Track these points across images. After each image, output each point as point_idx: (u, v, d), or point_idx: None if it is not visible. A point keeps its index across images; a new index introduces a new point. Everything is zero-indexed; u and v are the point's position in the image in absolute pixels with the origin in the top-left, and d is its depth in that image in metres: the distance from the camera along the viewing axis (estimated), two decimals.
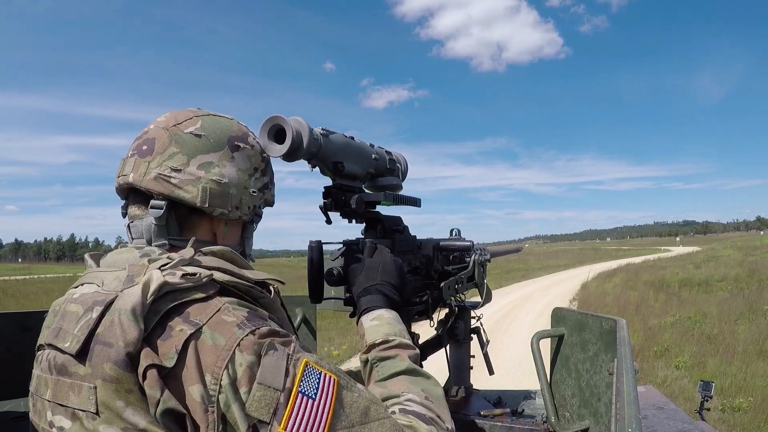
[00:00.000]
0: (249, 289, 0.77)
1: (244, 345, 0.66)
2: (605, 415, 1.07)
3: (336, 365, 0.75)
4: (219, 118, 0.91)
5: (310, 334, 1.84)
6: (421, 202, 1.36)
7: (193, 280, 0.70)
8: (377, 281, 1.00)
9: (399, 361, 0.88)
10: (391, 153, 1.32)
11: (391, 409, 0.77)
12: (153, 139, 0.85)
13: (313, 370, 0.69)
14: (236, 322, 0.68)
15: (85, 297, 0.74)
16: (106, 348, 0.65)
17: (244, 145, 0.91)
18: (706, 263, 22.07)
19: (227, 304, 0.71)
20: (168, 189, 0.82)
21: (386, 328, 0.93)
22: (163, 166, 0.82)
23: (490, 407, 1.47)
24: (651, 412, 1.84)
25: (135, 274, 0.72)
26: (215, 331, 0.67)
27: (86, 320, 0.69)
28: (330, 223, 1.17)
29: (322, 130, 1.08)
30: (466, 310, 1.59)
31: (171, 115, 0.88)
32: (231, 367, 0.64)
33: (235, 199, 0.88)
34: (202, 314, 0.68)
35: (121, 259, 0.80)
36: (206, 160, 0.85)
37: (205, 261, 0.77)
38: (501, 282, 20.20)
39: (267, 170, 0.97)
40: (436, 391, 0.85)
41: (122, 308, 0.66)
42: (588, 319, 1.17)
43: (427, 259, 1.36)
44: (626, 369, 0.86)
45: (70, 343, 0.69)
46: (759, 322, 8.95)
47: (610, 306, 12.00)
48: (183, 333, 0.66)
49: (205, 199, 0.83)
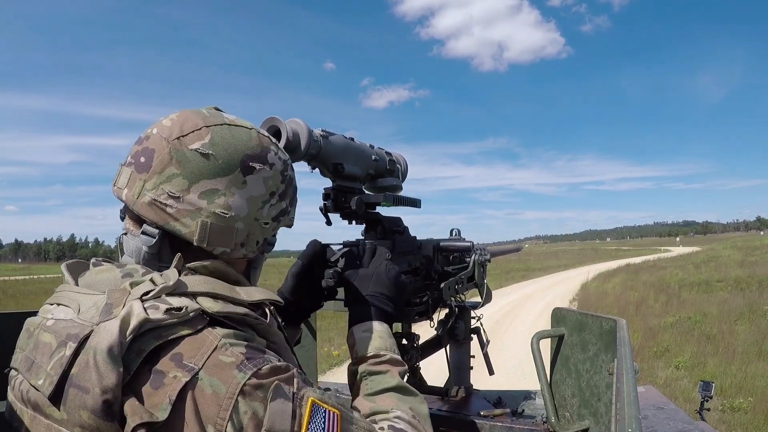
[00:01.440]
0: (243, 318, 0.69)
1: (248, 391, 0.60)
2: (605, 416, 1.07)
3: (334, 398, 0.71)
4: (234, 129, 0.77)
5: (310, 335, 1.84)
6: (421, 202, 1.36)
7: (179, 315, 0.62)
8: (369, 291, 0.98)
9: (389, 377, 0.87)
10: (391, 154, 1.32)
11: (380, 425, 0.78)
12: (152, 151, 0.73)
13: (319, 408, 0.66)
14: (235, 363, 0.62)
15: (59, 327, 0.66)
16: (82, 393, 0.59)
17: (260, 165, 0.77)
18: (706, 263, 22.07)
19: (223, 340, 0.64)
20: (162, 219, 0.72)
21: (378, 342, 0.92)
22: (160, 189, 0.72)
23: (490, 407, 1.47)
24: (651, 412, 1.84)
25: (114, 302, 0.64)
26: (214, 377, 0.60)
27: (59, 357, 0.62)
28: (330, 224, 1.17)
29: (322, 132, 1.08)
30: (466, 310, 1.59)
31: (177, 121, 0.75)
32: (235, 416, 0.59)
33: (241, 235, 0.76)
34: (197, 355, 0.61)
35: (101, 280, 0.72)
36: (210, 187, 0.73)
37: (191, 283, 0.68)
38: (501, 282, 20.20)
39: (287, 192, 0.83)
40: (422, 410, 0.85)
41: (98, 347, 0.59)
42: (588, 319, 1.17)
43: (427, 260, 1.36)
44: (626, 369, 0.86)
45: (43, 382, 0.63)
46: (759, 323, 8.95)
47: (610, 306, 12.00)
48: (177, 381, 0.59)
49: (204, 237, 0.73)
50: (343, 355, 7.94)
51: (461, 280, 1.44)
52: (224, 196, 0.74)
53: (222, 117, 0.78)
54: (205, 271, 0.73)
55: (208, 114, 0.78)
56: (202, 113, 0.77)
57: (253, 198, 0.77)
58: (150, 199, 0.72)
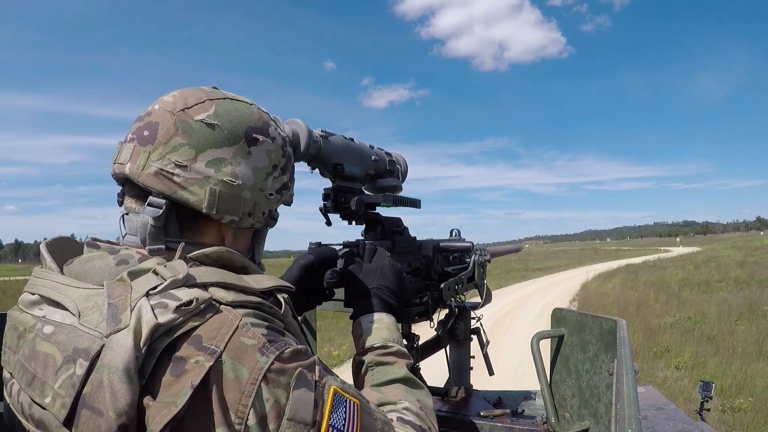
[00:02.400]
0: (257, 307, 0.66)
1: (270, 377, 0.59)
2: (605, 416, 1.07)
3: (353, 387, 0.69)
4: (237, 103, 0.78)
5: (310, 335, 1.84)
6: (421, 203, 1.36)
7: (189, 311, 0.60)
8: (375, 285, 0.98)
9: (396, 369, 0.87)
10: (391, 154, 1.32)
11: (390, 415, 0.77)
12: (156, 124, 0.72)
13: (341, 398, 0.64)
14: (258, 345, 0.60)
15: (62, 337, 0.62)
16: (95, 416, 0.56)
17: (263, 138, 0.78)
18: (706, 264, 22.07)
19: (244, 319, 0.61)
20: (170, 188, 0.71)
21: (385, 333, 0.92)
22: (166, 159, 0.71)
23: (490, 408, 1.47)
24: (651, 412, 1.84)
25: (118, 304, 0.60)
26: (236, 361, 0.58)
27: (68, 375, 0.58)
28: (330, 224, 1.18)
29: (322, 132, 1.09)
30: (466, 310, 1.59)
31: (180, 95, 0.75)
32: (258, 404, 0.57)
33: (248, 205, 0.76)
34: (217, 336, 0.59)
35: (92, 268, 0.68)
36: (218, 156, 0.73)
37: (199, 274, 0.66)
38: (501, 282, 20.19)
39: (288, 167, 0.84)
40: (428, 402, 0.85)
41: (113, 366, 0.56)
42: (588, 319, 1.17)
43: (427, 260, 1.36)
44: (626, 369, 0.86)
45: (52, 402, 0.59)
46: (759, 323, 8.95)
47: (610, 306, 12.00)
48: (200, 366, 0.57)
49: (213, 204, 0.72)
50: (343, 355, 7.95)
51: (461, 281, 1.44)
52: (231, 165, 0.74)
53: (223, 92, 0.80)
54: (209, 260, 0.70)
55: (210, 90, 0.79)
56: (203, 89, 0.79)
57: (258, 169, 0.77)
58: (156, 169, 0.71)
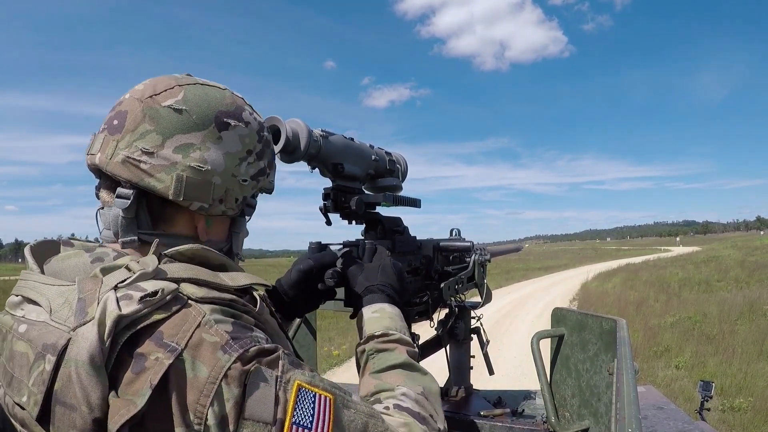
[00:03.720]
0: (229, 304, 0.65)
1: (232, 375, 0.56)
2: (605, 415, 1.07)
3: (327, 381, 0.66)
4: (208, 88, 0.77)
5: (310, 334, 1.84)
6: (421, 202, 1.36)
7: (153, 301, 0.58)
8: (377, 282, 0.99)
9: (397, 354, 0.85)
10: (391, 154, 1.32)
11: (385, 403, 0.75)
12: (125, 113, 0.71)
13: (307, 392, 0.61)
14: (220, 343, 0.58)
15: (34, 334, 0.62)
16: (69, 412, 0.56)
17: (235, 122, 0.76)
18: (706, 263, 22.06)
19: (208, 316, 0.60)
20: (136, 176, 0.70)
21: (387, 322, 0.91)
22: (133, 147, 0.70)
23: (490, 407, 1.47)
24: (651, 412, 1.84)
25: (87, 297, 0.60)
26: (196, 359, 0.57)
27: (39, 372, 0.59)
28: (330, 224, 1.18)
29: (322, 132, 1.09)
30: (466, 310, 1.59)
31: (150, 83, 0.74)
32: (217, 404, 0.55)
33: (219, 191, 0.75)
34: (179, 333, 0.58)
35: (68, 266, 0.68)
36: (185, 142, 0.72)
37: (171, 270, 0.65)
38: (501, 282, 20.20)
39: (264, 152, 0.82)
40: (432, 388, 0.82)
41: (79, 359, 0.55)
42: (588, 319, 1.17)
43: (427, 260, 1.36)
44: (626, 369, 0.86)
45: (27, 400, 0.60)
46: (759, 322, 8.94)
47: (610, 306, 12.00)
48: (160, 364, 0.56)
49: (179, 190, 0.70)
50: (343, 355, 7.94)
51: (461, 280, 1.44)
52: (199, 150, 0.73)
53: (195, 78, 0.78)
54: (183, 257, 0.69)
55: (181, 76, 0.78)
56: (175, 76, 0.77)
57: (229, 154, 0.75)
58: (123, 157, 0.70)
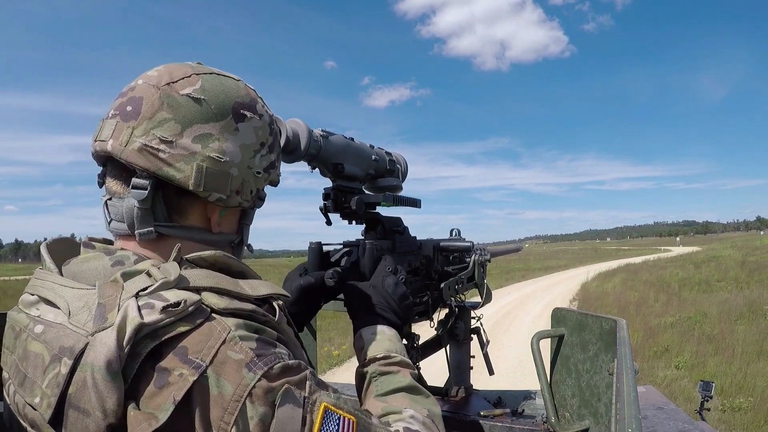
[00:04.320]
0: (250, 314, 0.64)
1: (257, 394, 0.56)
2: (605, 416, 1.07)
3: (351, 402, 0.66)
4: (223, 78, 0.76)
5: (310, 335, 1.84)
6: (421, 202, 1.36)
7: (176, 312, 0.58)
8: (375, 303, 0.97)
9: (401, 377, 0.85)
10: (391, 154, 1.32)
11: (395, 426, 0.74)
12: (140, 99, 0.69)
13: (332, 414, 0.61)
14: (245, 360, 0.57)
15: (50, 336, 0.61)
16: (83, 416, 0.56)
17: (251, 114, 0.76)
18: (706, 263, 22.06)
19: (233, 332, 0.59)
20: (155, 165, 0.67)
21: (388, 344, 0.91)
22: (151, 135, 0.68)
23: (491, 407, 1.47)
24: (651, 412, 1.84)
25: (107, 302, 0.59)
26: (221, 377, 0.56)
27: (54, 374, 0.58)
28: (330, 224, 1.18)
29: (322, 132, 1.09)
30: (466, 310, 1.59)
31: (165, 70, 0.72)
32: (241, 422, 0.55)
33: (236, 182, 0.74)
34: (203, 350, 0.57)
35: (87, 269, 0.67)
36: (204, 132, 0.70)
37: (193, 278, 0.64)
38: (501, 282, 20.20)
39: (275, 146, 0.82)
40: (436, 411, 0.83)
41: (95, 364, 0.55)
42: (588, 319, 1.17)
43: (427, 260, 1.36)
44: (626, 369, 0.86)
45: (40, 401, 0.59)
46: (759, 322, 8.95)
47: (610, 306, 12.00)
48: (184, 380, 0.55)
49: (200, 181, 0.69)
50: (343, 355, 7.95)
51: (461, 280, 1.44)
52: (218, 141, 0.71)
53: (209, 68, 0.77)
54: (205, 264, 0.68)
55: (196, 65, 0.76)
56: (189, 64, 0.76)
57: (245, 146, 0.75)
58: (140, 144, 0.67)
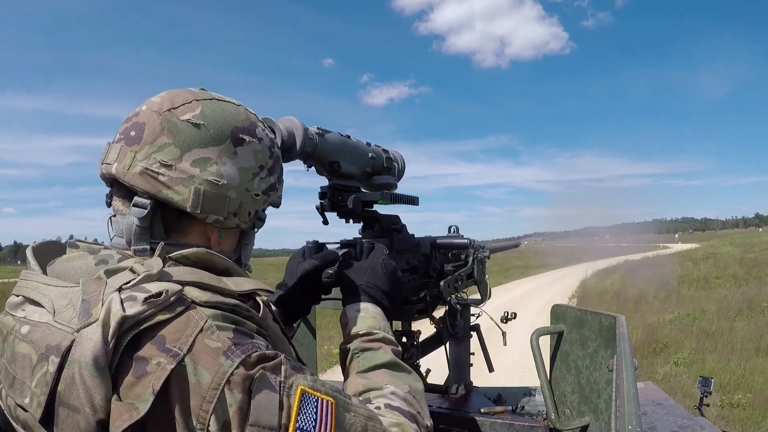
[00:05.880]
0: (232, 309, 0.65)
1: (235, 381, 0.57)
2: (605, 412, 1.07)
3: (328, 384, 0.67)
4: (223, 103, 0.79)
5: (309, 333, 1.83)
6: (419, 200, 1.36)
7: (157, 303, 0.59)
8: (364, 282, 0.98)
9: (382, 354, 0.86)
10: (388, 151, 1.32)
11: (375, 403, 0.76)
12: (143, 125, 0.73)
13: (310, 397, 0.62)
14: (222, 348, 0.58)
15: (36, 336, 0.62)
16: (73, 413, 0.56)
17: (250, 138, 0.79)
18: (704, 260, 22.10)
19: (210, 321, 0.60)
20: (155, 187, 0.71)
21: (371, 321, 0.91)
22: (151, 159, 0.71)
23: (491, 404, 1.47)
24: (650, 408, 1.84)
25: (91, 298, 0.60)
26: (198, 365, 0.57)
27: (42, 373, 0.59)
28: (327, 223, 1.17)
29: (318, 130, 1.08)
30: (465, 307, 1.59)
31: (167, 96, 0.76)
32: (220, 409, 0.56)
33: (234, 204, 0.77)
34: (181, 338, 0.58)
35: (72, 268, 0.69)
36: (203, 156, 0.73)
37: (176, 273, 0.65)
38: (500, 279, 20.21)
39: (275, 168, 0.85)
40: (417, 386, 0.84)
41: (82, 360, 0.56)
42: (587, 315, 1.17)
43: (425, 258, 1.36)
44: (626, 365, 0.86)
45: (30, 402, 0.60)
46: (757, 319, 8.96)
47: (609, 303, 12.01)
48: (162, 369, 0.56)
49: (197, 203, 0.72)
50: None
51: (460, 278, 1.44)
52: (216, 164, 0.74)
53: (210, 93, 0.80)
54: (188, 261, 0.70)
55: (197, 91, 0.80)
56: (191, 90, 0.79)
57: (244, 169, 0.78)
58: (142, 168, 0.71)
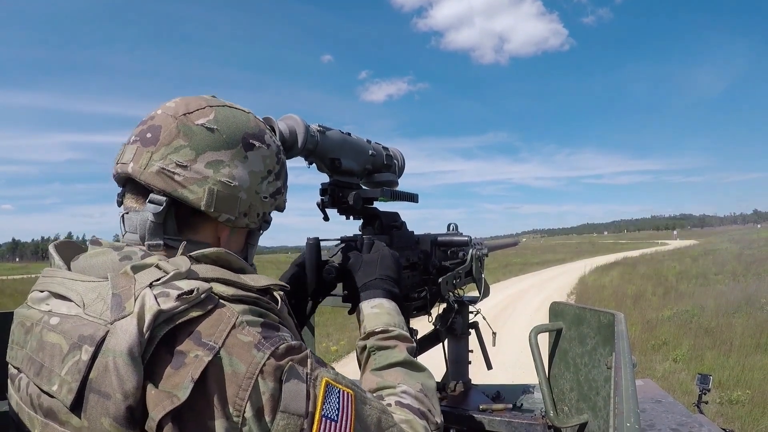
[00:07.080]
0: (255, 301, 0.69)
1: (267, 371, 0.61)
2: (604, 409, 1.07)
3: (348, 378, 0.71)
4: (235, 110, 0.84)
5: (308, 330, 1.84)
6: (418, 197, 1.36)
7: (190, 299, 0.62)
8: (377, 275, 1.01)
9: (397, 352, 0.89)
10: (388, 149, 1.32)
11: (387, 400, 0.80)
12: (159, 127, 0.77)
13: (333, 389, 0.66)
14: (254, 342, 0.62)
15: (67, 326, 0.64)
16: (103, 399, 0.58)
17: (259, 144, 0.84)
18: (703, 257, 22.14)
19: (241, 317, 0.64)
20: (170, 186, 0.75)
21: (386, 318, 0.95)
22: (168, 159, 0.75)
23: (489, 402, 1.47)
24: (649, 405, 1.85)
25: (123, 294, 0.63)
26: (233, 356, 0.60)
27: (74, 362, 0.61)
28: (327, 220, 1.17)
29: (319, 127, 1.08)
30: (464, 304, 1.59)
31: (182, 101, 0.81)
32: (254, 396, 0.60)
33: (244, 205, 0.81)
34: (215, 333, 0.61)
35: (96, 264, 0.71)
36: (216, 158, 0.78)
37: (201, 271, 0.69)
38: (499, 276, 20.24)
39: (281, 173, 0.90)
40: (430, 384, 0.88)
41: (117, 350, 0.58)
42: (586, 313, 1.17)
43: (424, 255, 1.36)
44: (624, 363, 0.86)
45: (59, 389, 0.61)
46: (756, 315, 8.99)
47: (608, 300, 12.04)
48: (200, 360, 0.59)
49: (211, 202, 0.76)
50: (341, 350, 7.96)
51: (459, 275, 1.44)
52: (228, 167, 0.79)
53: (222, 100, 0.86)
54: (207, 260, 0.73)
55: (210, 98, 0.85)
56: (204, 97, 0.84)
57: (253, 172, 0.83)
58: (158, 168, 0.75)
